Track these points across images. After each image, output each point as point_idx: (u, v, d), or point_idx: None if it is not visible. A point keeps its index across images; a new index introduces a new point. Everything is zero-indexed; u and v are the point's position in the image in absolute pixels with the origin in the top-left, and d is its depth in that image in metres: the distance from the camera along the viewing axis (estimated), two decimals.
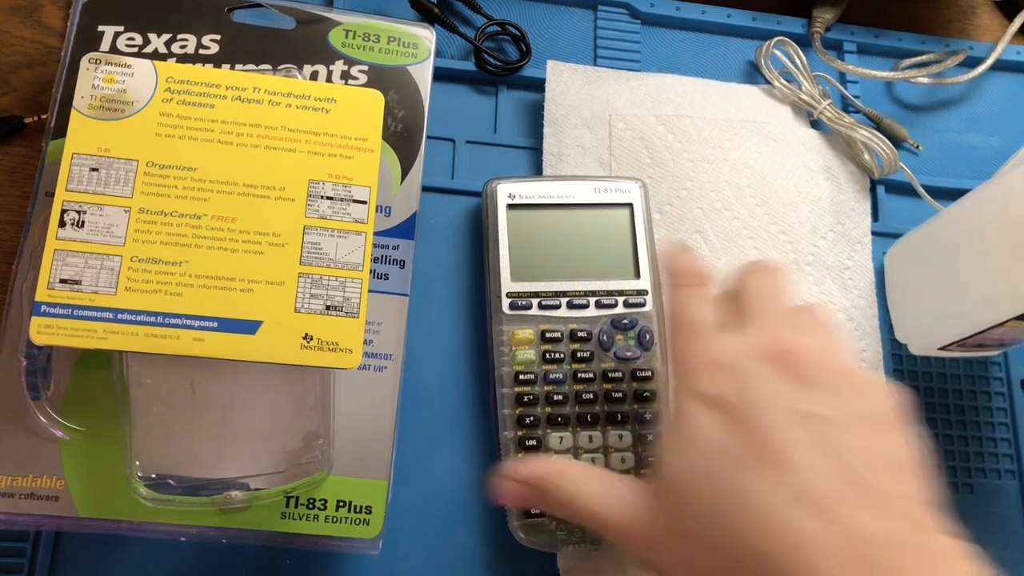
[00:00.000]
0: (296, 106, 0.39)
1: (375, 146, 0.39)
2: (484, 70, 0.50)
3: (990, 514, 0.36)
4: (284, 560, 0.40)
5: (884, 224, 0.52)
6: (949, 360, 0.50)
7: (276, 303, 0.36)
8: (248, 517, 0.38)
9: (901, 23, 0.58)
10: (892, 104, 0.56)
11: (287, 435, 0.38)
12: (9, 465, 0.37)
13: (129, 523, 0.37)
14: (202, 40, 0.43)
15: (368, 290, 0.37)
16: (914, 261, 0.49)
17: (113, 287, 0.35)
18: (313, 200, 0.38)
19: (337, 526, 0.39)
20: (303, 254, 0.37)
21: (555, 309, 0.42)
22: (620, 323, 0.42)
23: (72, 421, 0.38)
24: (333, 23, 0.45)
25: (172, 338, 0.35)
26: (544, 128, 0.48)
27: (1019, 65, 0.58)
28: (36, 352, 0.38)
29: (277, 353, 0.36)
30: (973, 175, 0.53)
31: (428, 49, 0.45)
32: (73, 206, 0.36)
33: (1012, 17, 0.57)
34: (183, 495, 0.37)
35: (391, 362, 0.41)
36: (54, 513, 0.37)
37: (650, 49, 0.53)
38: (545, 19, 0.52)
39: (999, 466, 0.48)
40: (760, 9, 0.55)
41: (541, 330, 0.42)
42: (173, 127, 0.37)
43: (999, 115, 0.57)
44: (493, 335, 0.42)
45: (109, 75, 0.38)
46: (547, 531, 0.39)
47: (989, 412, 0.49)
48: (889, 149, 0.50)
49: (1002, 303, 0.41)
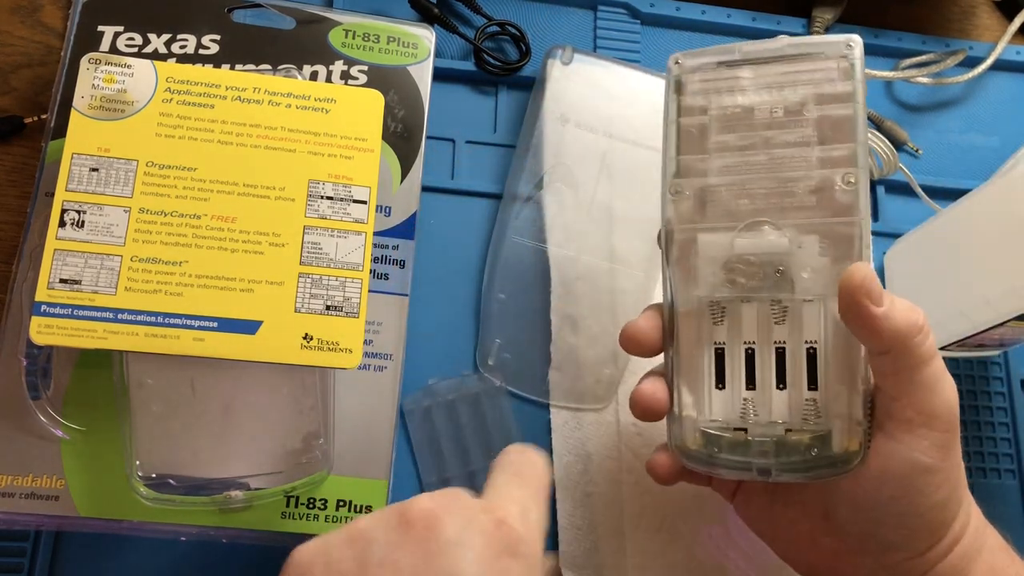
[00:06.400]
0: (296, 106, 0.39)
1: (375, 146, 0.39)
2: (484, 70, 0.50)
3: (990, 514, 0.36)
4: (284, 560, 0.40)
5: (884, 224, 0.52)
6: (949, 360, 0.49)
7: (276, 303, 0.36)
8: (248, 517, 0.38)
9: (901, 23, 0.58)
10: (892, 104, 0.56)
11: (287, 435, 0.38)
12: (9, 465, 0.37)
13: (129, 523, 0.37)
14: (202, 40, 0.43)
15: (368, 290, 0.37)
16: (914, 261, 0.49)
17: (113, 287, 0.35)
18: (313, 200, 0.38)
19: (337, 526, 0.39)
20: (303, 254, 0.37)
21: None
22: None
23: (72, 421, 0.38)
24: (333, 23, 0.45)
25: (172, 338, 0.35)
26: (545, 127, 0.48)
27: (1019, 65, 0.58)
28: (36, 352, 0.38)
29: (277, 353, 0.36)
30: (973, 175, 0.53)
31: (428, 49, 0.45)
32: (73, 206, 0.36)
33: (1012, 17, 0.57)
34: (183, 495, 0.37)
35: (391, 362, 0.41)
36: (54, 513, 0.37)
37: (650, 49, 0.53)
38: (545, 19, 0.52)
39: (999, 466, 0.48)
40: (760, 9, 0.55)
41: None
42: (173, 127, 0.37)
43: (999, 115, 0.57)
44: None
45: (109, 75, 0.38)
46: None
47: (989, 412, 0.49)
48: (889, 150, 0.50)
49: (1002, 303, 0.41)
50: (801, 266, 0.33)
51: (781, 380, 0.34)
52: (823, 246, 0.33)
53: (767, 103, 0.34)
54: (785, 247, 0.33)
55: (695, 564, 0.42)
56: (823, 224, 0.33)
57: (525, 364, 0.45)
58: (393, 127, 0.44)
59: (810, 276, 0.33)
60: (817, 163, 0.33)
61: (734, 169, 0.34)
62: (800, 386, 0.33)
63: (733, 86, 0.35)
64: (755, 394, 0.34)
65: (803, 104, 0.34)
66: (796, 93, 0.34)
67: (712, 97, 0.35)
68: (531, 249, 0.46)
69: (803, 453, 0.33)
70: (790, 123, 0.34)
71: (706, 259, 0.34)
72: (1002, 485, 0.48)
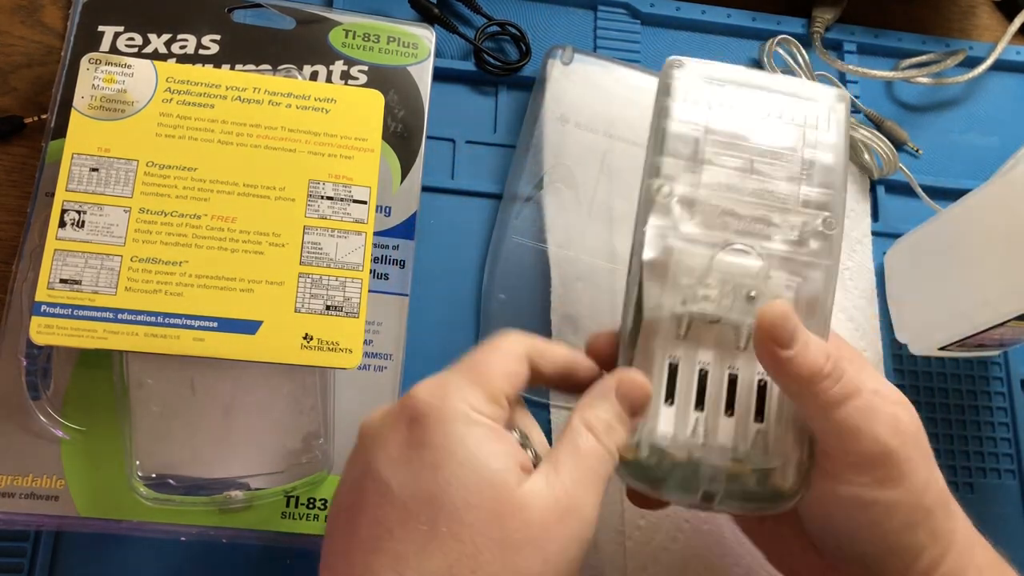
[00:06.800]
0: (296, 106, 0.39)
1: (375, 146, 0.39)
2: (484, 70, 0.50)
3: (990, 514, 0.36)
4: (284, 560, 0.40)
5: (884, 224, 0.52)
6: (949, 360, 0.50)
7: (276, 303, 0.36)
8: (248, 517, 0.38)
9: (901, 23, 0.58)
10: (892, 104, 0.56)
11: (287, 435, 0.38)
12: (9, 465, 0.37)
13: (129, 523, 0.37)
14: (202, 40, 0.43)
15: (368, 290, 0.37)
16: (914, 261, 0.49)
17: (113, 287, 0.35)
18: (313, 200, 0.38)
19: None
20: (303, 254, 0.37)
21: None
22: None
23: (72, 421, 0.38)
24: (333, 23, 0.45)
25: (172, 338, 0.35)
26: (545, 127, 0.48)
27: (1019, 65, 0.58)
28: (36, 352, 0.38)
29: (277, 353, 0.36)
30: (973, 175, 0.53)
31: (428, 49, 0.45)
32: (73, 206, 0.36)
33: (1012, 17, 0.57)
34: (183, 495, 0.37)
35: (391, 362, 0.41)
36: (54, 513, 0.37)
37: (650, 49, 0.53)
38: (545, 19, 0.52)
39: (999, 466, 0.48)
40: (760, 9, 0.55)
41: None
42: (173, 127, 0.37)
43: (999, 115, 0.57)
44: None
45: (109, 75, 0.38)
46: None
47: (989, 412, 0.49)
48: (889, 149, 0.50)
49: (1002, 303, 0.41)
50: (770, 296, 0.33)
51: (730, 407, 0.33)
52: (791, 281, 0.33)
53: (763, 132, 0.34)
54: (762, 274, 0.33)
55: (693, 558, 0.42)
56: (795, 260, 0.33)
57: None
58: (393, 127, 0.44)
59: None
60: (801, 201, 0.34)
61: (723, 187, 0.34)
62: (748, 417, 0.33)
63: (732, 107, 0.35)
64: (705, 416, 0.33)
65: (796, 141, 0.34)
66: (790, 129, 0.34)
67: (709, 111, 0.35)
68: (531, 249, 0.46)
69: (745, 484, 0.32)
70: (782, 156, 0.34)
71: (683, 269, 0.33)
72: (1002, 485, 0.48)
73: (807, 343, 0.31)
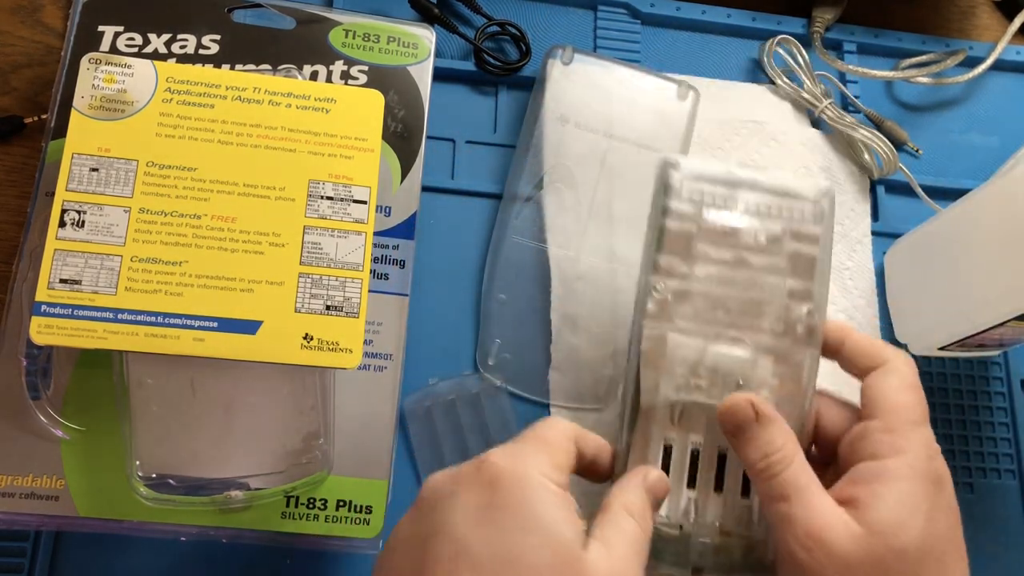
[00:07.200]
0: (296, 106, 0.39)
1: (375, 146, 0.39)
2: (484, 70, 0.50)
3: (990, 514, 0.36)
4: (284, 560, 0.40)
5: (884, 224, 0.52)
6: (949, 360, 0.50)
7: (276, 303, 0.36)
8: (248, 517, 0.38)
9: (901, 23, 0.58)
10: (892, 104, 0.56)
11: (287, 435, 0.38)
12: (9, 465, 0.37)
13: (129, 523, 0.37)
14: (202, 40, 0.43)
15: (368, 290, 0.37)
16: (914, 261, 0.49)
17: (113, 287, 0.35)
18: (313, 200, 0.38)
19: (337, 526, 0.39)
20: (303, 254, 0.37)
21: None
22: None
23: (72, 421, 0.38)
24: (333, 23, 0.45)
25: (172, 338, 0.35)
26: (545, 127, 0.48)
27: (1019, 65, 0.58)
28: (36, 352, 0.38)
29: (277, 353, 0.36)
30: (973, 175, 0.53)
31: (428, 49, 0.45)
32: (73, 206, 0.36)
33: (1012, 17, 0.57)
34: (183, 495, 0.37)
35: (391, 362, 0.41)
36: (54, 513, 0.37)
37: (650, 49, 0.53)
38: (545, 19, 0.52)
39: (999, 466, 0.48)
40: (760, 9, 0.55)
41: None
42: (173, 127, 0.37)
43: (999, 115, 0.57)
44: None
45: (109, 75, 0.38)
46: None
47: (989, 412, 0.49)
48: (889, 149, 0.50)
49: (1002, 303, 0.41)
50: (758, 383, 0.35)
51: (719, 485, 0.35)
52: (776, 369, 0.35)
53: (752, 227, 0.36)
54: (749, 363, 0.35)
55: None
56: (779, 349, 0.35)
57: (525, 364, 0.45)
58: (393, 127, 0.44)
59: (762, 395, 0.35)
60: (786, 293, 0.36)
61: (714, 280, 0.36)
62: (735, 493, 0.35)
63: (724, 204, 0.37)
64: (696, 494, 0.35)
65: (781, 235, 0.36)
66: (776, 224, 0.36)
67: (702, 209, 0.36)
68: (531, 249, 0.46)
69: (732, 557, 0.35)
70: (769, 250, 0.36)
71: (677, 360, 0.35)
72: (1002, 485, 0.48)
73: (752, 439, 0.33)
